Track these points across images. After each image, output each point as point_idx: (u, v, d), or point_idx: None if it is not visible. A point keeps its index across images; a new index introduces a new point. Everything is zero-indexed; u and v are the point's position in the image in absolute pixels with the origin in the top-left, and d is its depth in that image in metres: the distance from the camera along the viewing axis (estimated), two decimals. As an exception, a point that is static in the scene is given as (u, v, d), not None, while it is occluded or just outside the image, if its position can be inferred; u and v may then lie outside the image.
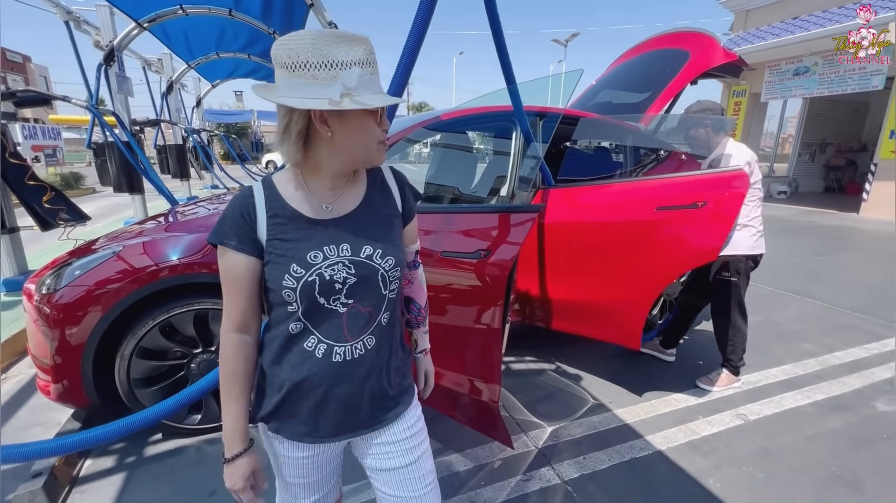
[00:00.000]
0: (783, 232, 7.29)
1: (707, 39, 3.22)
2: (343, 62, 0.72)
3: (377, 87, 0.77)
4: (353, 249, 0.83)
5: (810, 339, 3.12)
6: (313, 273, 0.80)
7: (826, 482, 1.78)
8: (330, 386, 0.85)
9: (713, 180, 1.97)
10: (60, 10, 5.81)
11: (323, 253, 0.81)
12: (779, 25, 10.09)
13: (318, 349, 0.84)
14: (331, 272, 0.81)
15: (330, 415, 0.87)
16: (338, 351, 0.84)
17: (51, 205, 3.64)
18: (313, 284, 0.80)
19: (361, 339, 0.85)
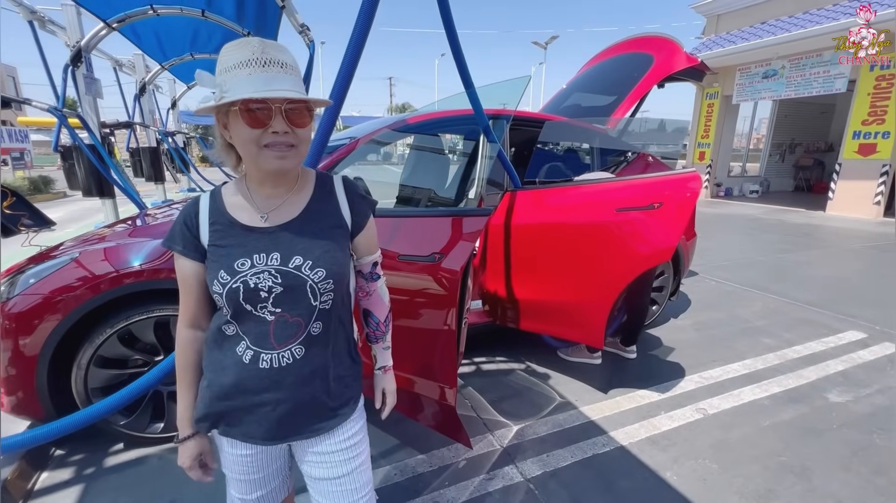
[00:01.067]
0: (753, 230, 7.52)
1: (670, 44, 3.32)
2: (228, 67, 0.77)
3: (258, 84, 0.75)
4: (283, 259, 0.84)
5: (771, 334, 3.23)
6: (238, 280, 0.82)
7: (776, 471, 1.85)
8: (258, 391, 0.87)
9: (668, 182, 2.04)
10: (24, 10, 5.65)
11: (251, 261, 0.83)
12: (748, 30, 10.41)
13: (246, 355, 0.86)
14: (255, 280, 0.83)
15: (261, 419, 0.88)
16: (264, 358, 0.86)
17: (12, 209, 3.53)
18: (238, 291, 0.82)
19: (289, 349, 0.86)
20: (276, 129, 0.78)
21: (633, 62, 3.46)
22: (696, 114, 12.39)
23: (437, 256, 1.65)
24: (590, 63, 4.06)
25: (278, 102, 0.78)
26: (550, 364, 2.76)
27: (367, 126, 2.86)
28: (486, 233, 2.58)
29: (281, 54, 0.79)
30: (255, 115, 0.77)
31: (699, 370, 2.70)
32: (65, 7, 5.62)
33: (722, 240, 6.70)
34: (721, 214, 9.30)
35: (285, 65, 0.79)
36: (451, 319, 1.64)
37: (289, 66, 0.80)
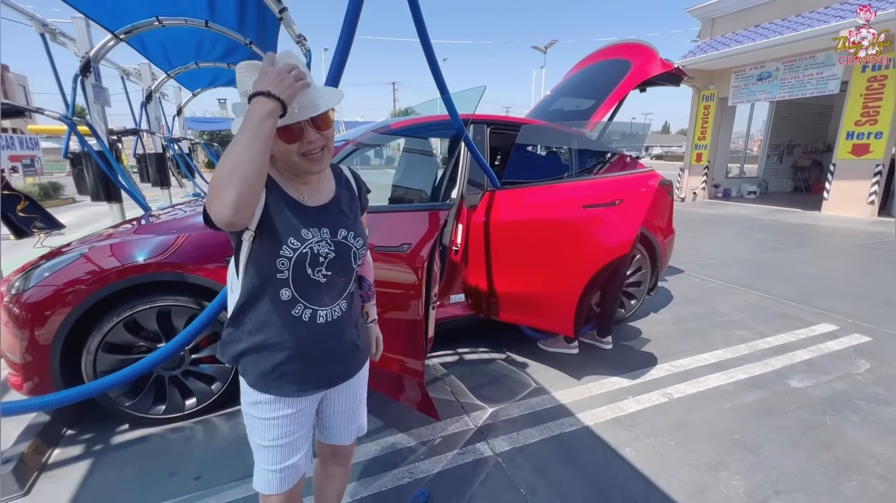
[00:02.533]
0: (746, 230, 7.63)
1: (647, 50, 3.47)
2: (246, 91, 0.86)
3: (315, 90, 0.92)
4: (332, 232, 1.02)
5: (745, 327, 3.36)
6: (306, 246, 0.97)
7: (728, 447, 1.99)
8: (319, 343, 1.03)
9: (628, 181, 2.20)
10: (36, 23, 5.90)
11: (311, 231, 0.98)
12: (742, 32, 10.53)
13: (305, 314, 1.00)
14: (318, 248, 0.98)
15: (319, 369, 1.05)
16: (321, 314, 1.02)
17: (25, 213, 3.74)
18: (306, 256, 0.96)
19: (338, 304, 1.05)
20: (310, 139, 0.94)
21: (611, 68, 3.62)
22: (693, 116, 12.51)
23: (405, 246, 1.82)
24: (574, 69, 4.23)
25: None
26: (529, 354, 2.91)
27: (356, 131, 3.05)
28: (468, 230, 2.74)
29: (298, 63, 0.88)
30: (290, 132, 0.91)
31: (671, 359, 2.84)
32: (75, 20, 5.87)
33: (713, 239, 6.82)
34: (716, 215, 9.41)
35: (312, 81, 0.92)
36: (419, 303, 1.80)
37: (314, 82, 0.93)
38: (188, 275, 2.10)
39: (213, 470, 1.88)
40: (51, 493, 1.76)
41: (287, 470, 1.07)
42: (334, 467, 1.30)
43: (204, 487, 1.78)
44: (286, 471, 1.07)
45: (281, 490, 1.08)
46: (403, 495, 1.73)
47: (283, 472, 1.07)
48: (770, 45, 9.27)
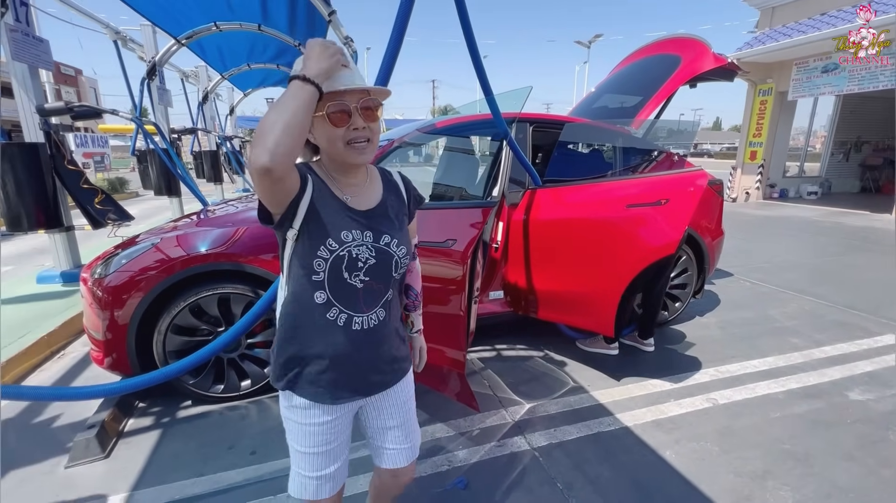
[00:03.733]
0: (804, 233, 7.17)
1: (698, 45, 3.36)
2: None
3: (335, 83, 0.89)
4: (375, 237, 0.98)
5: (800, 334, 3.20)
6: (344, 249, 0.94)
7: (777, 456, 1.93)
8: (352, 351, 0.99)
9: (674, 180, 2.15)
10: (110, 31, 6.43)
11: (352, 234, 0.95)
12: (805, 22, 9.84)
13: (340, 318, 0.97)
14: (357, 251, 0.95)
15: (351, 377, 1.02)
16: (356, 320, 0.98)
17: (101, 206, 4.11)
18: (343, 258, 0.94)
19: (375, 312, 1.01)
20: (357, 125, 0.92)
21: (660, 64, 3.53)
22: (748, 112, 11.82)
23: (450, 242, 1.88)
24: (620, 65, 4.14)
25: (354, 101, 0.91)
26: (568, 352, 2.91)
27: (400, 129, 3.14)
28: (508, 227, 2.77)
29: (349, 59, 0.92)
30: (339, 115, 0.91)
31: (716, 364, 2.75)
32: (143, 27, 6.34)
33: (766, 242, 6.46)
34: (771, 217, 8.89)
35: (350, 66, 0.93)
36: (462, 297, 1.86)
37: (353, 67, 0.94)
38: (245, 265, 2.26)
39: (266, 447, 2.02)
40: (127, 458, 1.96)
41: (323, 478, 1.06)
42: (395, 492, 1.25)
43: (259, 461, 1.92)
44: (322, 479, 1.06)
45: (316, 497, 1.07)
46: (442, 482, 1.80)
47: (319, 481, 1.06)
48: (839, 34, 8.61)
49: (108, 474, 1.86)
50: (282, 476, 1.81)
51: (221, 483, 1.80)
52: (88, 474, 1.87)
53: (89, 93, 23.20)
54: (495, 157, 2.82)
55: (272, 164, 0.77)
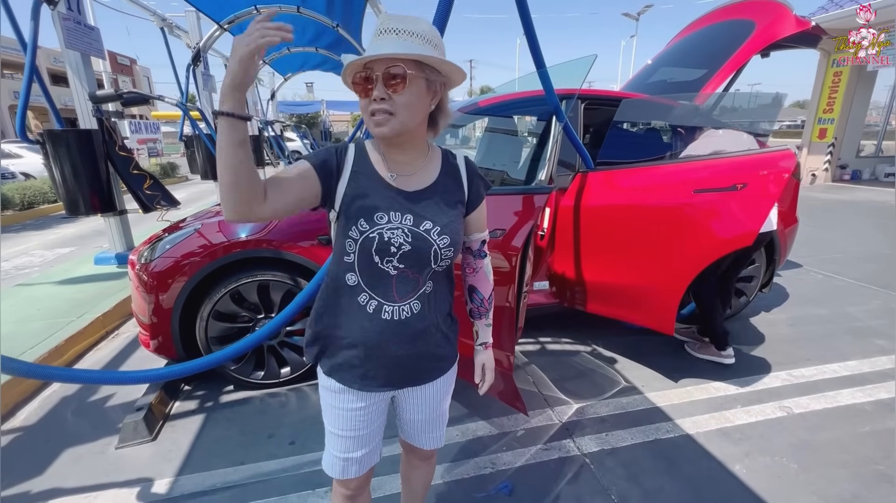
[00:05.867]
0: (882, 219, 6.46)
1: (777, 7, 2.96)
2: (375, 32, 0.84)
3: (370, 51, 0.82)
4: (415, 221, 0.91)
5: (887, 336, 2.84)
6: (375, 231, 0.88)
7: (868, 479, 1.69)
8: (381, 341, 0.94)
9: (755, 161, 1.89)
10: (157, 18, 6.59)
11: (388, 216, 0.89)
12: (893, -20, 8.71)
13: (370, 305, 0.93)
14: (389, 234, 0.89)
15: (381, 367, 0.97)
16: (387, 309, 0.93)
17: (150, 191, 4.23)
18: (373, 241, 0.88)
19: (408, 303, 0.94)
20: (375, 95, 0.83)
21: (730, 31, 3.16)
22: (819, 85, 10.72)
23: (499, 232, 1.73)
24: (680, 34, 3.76)
25: (381, 68, 0.81)
26: (618, 348, 2.71)
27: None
28: (556, 214, 2.58)
29: (401, 23, 0.82)
30: (361, 86, 0.84)
31: (788, 367, 2.48)
32: (187, 13, 6.44)
33: (839, 230, 5.86)
34: (843, 201, 8.08)
35: (401, 31, 0.82)
36: (511, 292, 1.71)
37: (405, 33, 0.82)
38: (284, 253, 2.21)
39: (305, 436, 1.99)
40: (172, 442, 1.99)
41: (349, 461, 1.05)
42: (417, 462, 1.26)
43: (298, 452, 1.89)
44: (349, 461, 1.05)
45: (343, 476, 1.06)
46: (485, 485, 1.70)
47: (345, 463, 1.05)
48: (933, -6, 7.57)
49: (155, 457, 1.89)
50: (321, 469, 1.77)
51: (262, 473, 1.78)
52: (136, 456, 1.90)
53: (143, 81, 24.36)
54: (543, 137, 2.61)
55: (242, 217, 0.80)
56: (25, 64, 3.35)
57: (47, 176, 4.09)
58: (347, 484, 1.09)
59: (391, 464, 1.74)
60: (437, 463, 1.78)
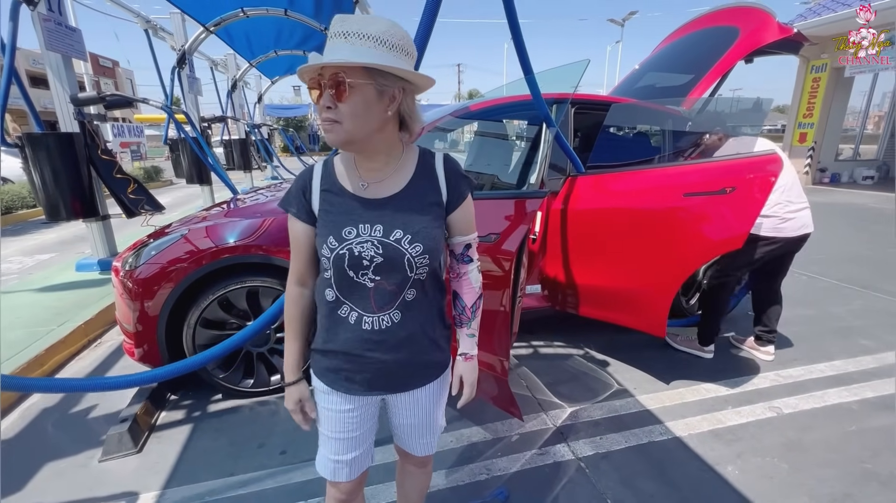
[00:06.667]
0: (861, 221, 6.64)
1: (760, 14, 3.03)
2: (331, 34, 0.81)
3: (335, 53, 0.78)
4: (385, 231, 0.88)
5: (870, 336, 2.90)
6: (344, 247, 0.87)
7: (857, 478, 1.71)
8: (363, 350, 0.94)
9: (743, 165, 1.91)
10: (140, 20, 6.48)
11: (357, 230, 0.88)
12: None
13: (351, 316, 0.93)
14: (359, 249, 0.87)
15: (364, 373, 0.97)
16: (366, 320, 0.92)
17: (134, 195, 4.14)
18: (343, 257, 0.88)
19: (388, 313, 0.92)
20: (321, 103, 0.81)
21: (715, 37, 3.21)
22: (799, 90, 11.01)
23: (493, 237, 1.72)
24: (667, 40, 3.82)
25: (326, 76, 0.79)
26: (610, 351, 2.72)
27: (432, 114, 2.97)
28: (547, 217, 2.59)
29: (354, 25, 0.78)
30: (312, 92, 0.83)
31: (777, 368, 2.52)
32: (172, 15, 6.35)
33: (820, 231, 5.96)
34: (823, 203, 8.28)
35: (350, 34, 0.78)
36: (505, 297, 1.71)
37: (355, 36, 0.77)
38: (274, 258, 2.18)
39: (297, 446, 1.96)
40: (159, 454, 1.93)
41: (340, 463, 1.04)
42: (411, 467, 1.24)
43: (289, 461, 1.86)
44: (339, 464, 1.05)
45: (334, 479, 1.06)
46: (481, 491, 1.68)
47: (337, 465, 1.05)
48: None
49: (140, 470, 1.84)
50: (314, 479, 1.74)
51: (252, 485, 1.74)
52: (121, 469, 1.84)
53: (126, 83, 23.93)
54: (534, 142, 2.63)
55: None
56: (4, 65, 3.26)
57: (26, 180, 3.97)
58: (339, 487, 1.08)
59: (387, 473, 1.72)
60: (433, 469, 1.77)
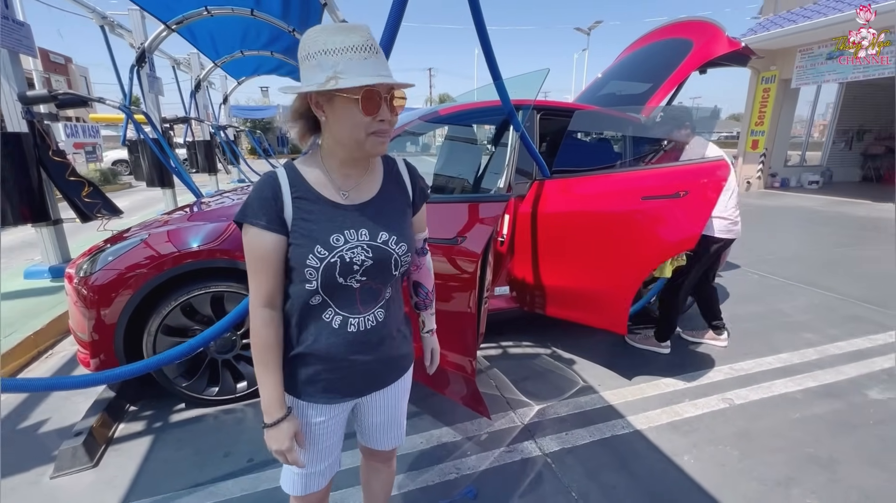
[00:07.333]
0: (807, 223, 7.09)
1: (711, 28, 3.21)
2: (336, 49, 0.78)
3: (370, 70, 0.79)
4: (371, 234, 0.90)
5: (813, 329, 3.11)
6: (335, 255, 0.86)
7: (800, 462, 1.84)
8: (348, 353, 0.94)
9: (694, 170, 2.03)
10: (96, 16, 6.19)
11: (344, 236, 0.88)
12: (811, 7, 9.63)
13: (335, 321, 0.92)
14: (350, 255, 0.88)
15: (346, 378, 0.97)
16: (352, 322, 0.93)
17: (90, 199, 3.96)
18: (335, 265, 0.86)
19: (373, 312, 0.95)
20: (383, 117, 0.83)
21: (671, 48, 3.39)
22: (751, 100, 11.66)
23: (459, 239, 1.76)
24: (628, 50, 3.99)
25: (384, 91, 0.82)
26: (576, 349, 2.81)
27: (403, 117, 3.00)
28: (515, 220, 2.65)
29: (372, 40, 0.82)
30: (371, 103, 0.81)
31: (730, 362, 2.67)
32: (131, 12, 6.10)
33: (771, 233, 6.37)
34: (773, 206, 8.79)
35: (381, 52, 0.83)
36: (472, 298, 1.75)
37: (381, 55, 0.83)
38: (239, 262, 2.14)
39: (265, 453, 1.92)
40: (117, 467, 1.86)
41: (311, 476, 1.04)
42: (377, 464, 1.27)
43: (257, 470, 1.82)
44: (310, 477, 1.04)
45: (304, 492, 1.05)
46: (450, 491, 1.71)
47: (307, 478, 1.04)
48: (845, 21, 8.43)
49: (97, 484, 1.76)
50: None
51: (219, 494, 1.70)
52: (75, 485, 1.76)
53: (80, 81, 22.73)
54: (501, 146, 2.69)
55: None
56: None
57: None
58: (308, 498, 1.08)
59: (354, 477, 1.71)
60: (402, 471, 1.78)
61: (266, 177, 0.90)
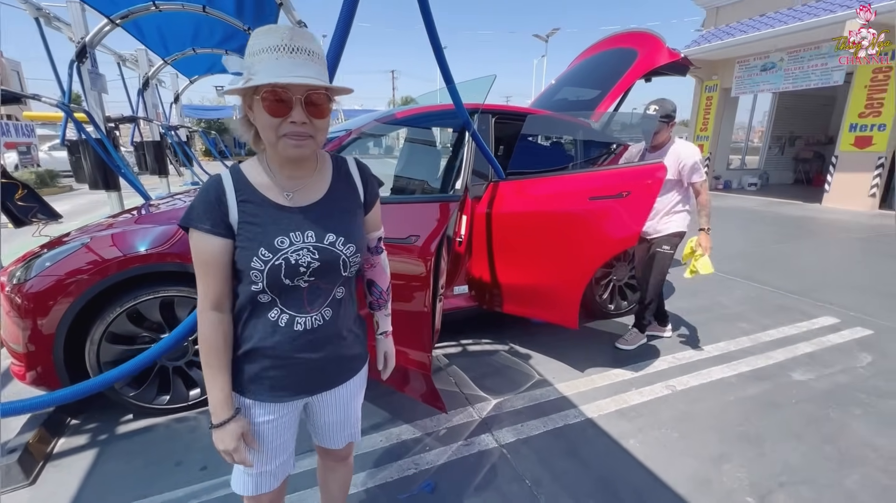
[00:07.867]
0: (747, 222, 7.62)
1: (653, 39, 3.42)
2: (257, 50, 0.80)
3: (282, 71, 0.78)
4: (318, 236, 0.91)
5: (747, 319, 3.37)
6: (280, 257, 0.87)
7: (732, 439, 2.01)
8: (294, 351, 0.95)
9: (635, 172, 2.17)
10: (30, 7, 5.79)
11: (289, 238, 0.88)
12: (747, 22, 10.40)
13: (281, 319, 0.92)
14: (296, 257, 0.88)
15: (293, 376, 0.97)
16: (299, 321, 0.93)
17: (24, 202, 3.70)
18: (280, 268, 0.87)
19: (320, 311, 0.95)
20: (294, 118, 0.82)
21: (617, 57, 3.58)
22: (696, 107, 12.43)
23: (413, 238, 1.80)
24: (579, 58, 4.17)
25: (299, 93, 0.80)
26: (532, 345, 2.91)
27: (359, 119, 3.01)
28: (472, 221, 2.72)
29: (310, 43, 0.81)
30: (277, 106, 0.80)
31: (673, 352, 2.85)
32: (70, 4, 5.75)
33: (715, 232, 6.79)
34: (717, 207, 9.38)
35: (312, 53, 0.81)
36: (427, 296, 1.79)
37: (316, 55, 0.82)
38: (190, 266, 2.07)
39: (219, 459, 1.85)
40: (57, 483, 1.76)
41: (261, 476, 1.05)
42: (332, 463, 1.27)
43: (210, 477, 1.78)
44: (260, 476, 1.05)
45: (256, 492, 1.05)
46: (409, 486, 1.74)
47: (258, 478, 1.05)
48: (775, 35, 9.16)
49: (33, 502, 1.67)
50: (236, 492, 1.69)
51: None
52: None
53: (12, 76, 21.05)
54: (458, 149, 2.76)
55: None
56: None
57: None
58: (260, 499, 1.08)
59: (312, 478, 1.71)
60: (362, 469, 1.80)
61: (211, 180, 0.90)
